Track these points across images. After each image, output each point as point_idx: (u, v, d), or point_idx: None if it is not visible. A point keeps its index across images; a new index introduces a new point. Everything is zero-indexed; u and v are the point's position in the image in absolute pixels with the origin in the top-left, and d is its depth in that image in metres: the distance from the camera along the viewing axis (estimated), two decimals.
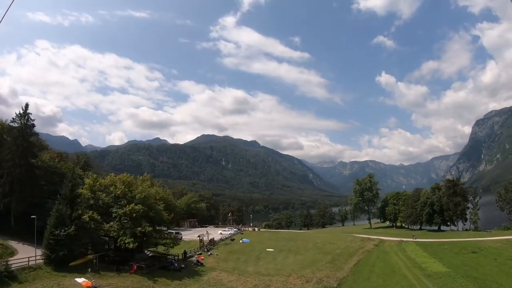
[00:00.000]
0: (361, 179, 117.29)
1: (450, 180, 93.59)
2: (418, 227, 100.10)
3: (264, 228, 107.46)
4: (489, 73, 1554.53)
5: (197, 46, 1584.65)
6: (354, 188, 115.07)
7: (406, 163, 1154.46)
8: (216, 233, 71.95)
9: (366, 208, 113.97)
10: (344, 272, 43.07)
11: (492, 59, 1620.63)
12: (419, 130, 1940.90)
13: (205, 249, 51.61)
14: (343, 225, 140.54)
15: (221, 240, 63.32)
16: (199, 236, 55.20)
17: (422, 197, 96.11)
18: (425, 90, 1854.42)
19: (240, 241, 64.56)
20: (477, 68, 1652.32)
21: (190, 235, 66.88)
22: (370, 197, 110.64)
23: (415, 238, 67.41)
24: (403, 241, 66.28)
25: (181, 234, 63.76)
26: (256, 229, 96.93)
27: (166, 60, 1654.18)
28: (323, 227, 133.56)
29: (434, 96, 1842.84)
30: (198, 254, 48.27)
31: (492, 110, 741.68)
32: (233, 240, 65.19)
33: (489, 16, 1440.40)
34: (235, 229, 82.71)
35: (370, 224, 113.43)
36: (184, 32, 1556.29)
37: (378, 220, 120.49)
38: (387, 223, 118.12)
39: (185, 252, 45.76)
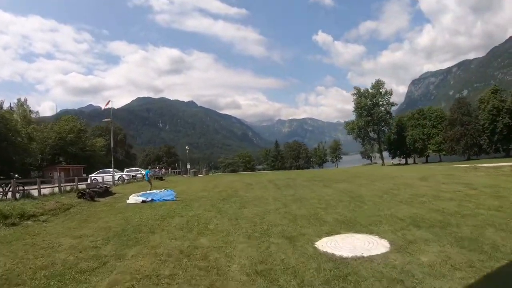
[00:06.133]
0: (365, 89, 72.50)
1: None
2: (465, 158, 61.56)
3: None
4: (426, 36, 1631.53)
5: (128, 3, 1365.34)
6: (357, 103, 70.57)
7: (343, 120, 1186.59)
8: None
9: (376, 135, 71.52)
10: None
11: (429, 22, 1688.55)
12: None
13: None
14: (321, 168, 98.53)
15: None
16: None
17: (484, 104, 56.19)
18: (362, 49, 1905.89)
19: (136, 201, 14.64)
20: (414, 29, 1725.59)
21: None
22: (383, 115, 68.12)
23: None
24: None
25: None
26: (201, 175, 48.65)
27: (95, 19, 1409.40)
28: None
29: (371, 55, 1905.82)
30: None
31: (428, 71, 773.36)
32: (88, 198, 15.02)
33: None
34: (144, 172, 32.11)
35: (383, 161, 72.12)
36: None
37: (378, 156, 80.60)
38: (398, 158, 78.28)
39: None
